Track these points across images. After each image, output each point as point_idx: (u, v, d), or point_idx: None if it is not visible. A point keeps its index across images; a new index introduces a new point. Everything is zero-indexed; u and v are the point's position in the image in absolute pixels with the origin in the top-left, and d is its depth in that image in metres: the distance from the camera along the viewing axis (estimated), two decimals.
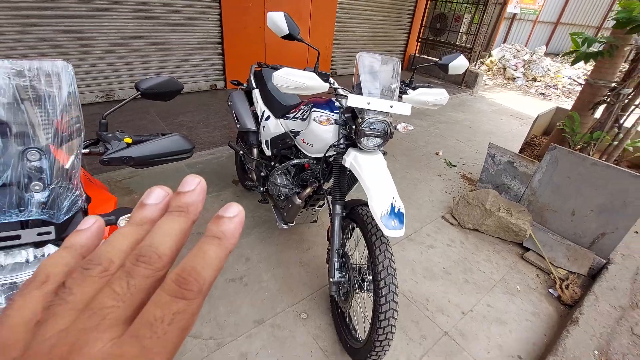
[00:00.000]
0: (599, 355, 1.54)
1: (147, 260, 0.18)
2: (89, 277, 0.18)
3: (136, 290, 0.17)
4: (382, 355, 1.30)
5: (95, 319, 0.16)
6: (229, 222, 0.20)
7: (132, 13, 3.65)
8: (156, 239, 0.19)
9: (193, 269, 0.18)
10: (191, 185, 0.21)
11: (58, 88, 0.59)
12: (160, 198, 0.21)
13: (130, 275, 0.18)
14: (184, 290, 0.17)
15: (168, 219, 0.20)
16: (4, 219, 0.56)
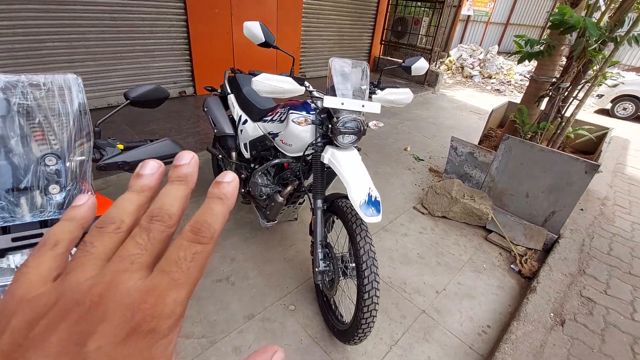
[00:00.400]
0: (554, 317, 1.75)
1: (160, 219, 0.20)
2: (105, 234, 0.20)
3: (155, 242, 0.20)
4: (368, 332, 1.42)
5: (125, 263, 0.18)
6: (227, 186, 0.22)
7: (95, 21, 3.57)
8: (166, 202, 0.21)
9: (204, 220, 0.20)
10: (187, 159, 0.24)
11: (70, 99, 0.65)
12: (154, 169, 0.23)
13: (148, 230, 0.20)
14: (200, 237, 0.20)
15: (172, 186, 0.22)
16: (27, 219, 0.61)
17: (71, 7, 3.39)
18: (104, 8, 3.59)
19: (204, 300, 1.80)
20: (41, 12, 3.23)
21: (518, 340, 1.59)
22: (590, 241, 2.38)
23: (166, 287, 0.18)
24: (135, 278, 0.18)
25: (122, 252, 0.19)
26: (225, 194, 0.22)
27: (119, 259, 0.19)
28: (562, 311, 1.79)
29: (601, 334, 1.68)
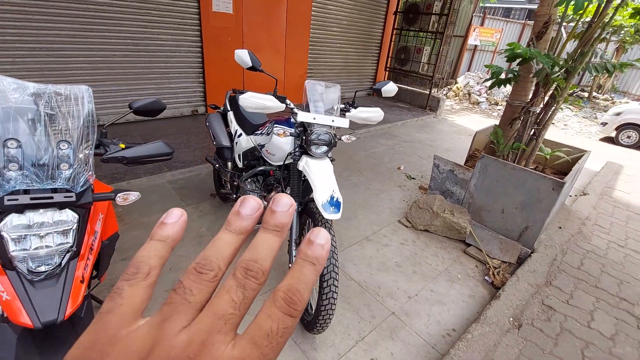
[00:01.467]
0: (513, 321, 1.86)
1: (254, 275, 0.20)
2: (204, 282, 0.20)
3: (247, 301, 0.20)
4: (328, 320, 1.58)
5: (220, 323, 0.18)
6: (321, 249, 0.22)
7: (119, 46, 4.02)
8: (262, 255, 0.21)
9: (297, 290, 0.20)
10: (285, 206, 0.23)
11: (82, 104, 0.90)
12: (254, 210, 0.23)
13: (244, 287, 0.20)
14: (292, 309, 0.19)
15: (268, 235, 0.22)
16: (43, 185, 0.85)
17: (100, 33, 3.85)
18: (129, 35, 4.04)
19: None
20: (71, 36, 3.69)
21: (473, 339, 1.71)
22: (562, 256, 2.48)
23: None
24: (227, 341, 0.18)
25: (217, 309, 0.19)
26: (317, 259, 0.21)
27: (215, 317, 0.19)
28: (521, 317, 1.90)
29: (555, 338, 1.77)
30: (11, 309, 0.83)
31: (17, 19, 3.36)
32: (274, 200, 0.23)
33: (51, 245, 0.91)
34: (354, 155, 4.40)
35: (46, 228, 0.89)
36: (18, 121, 0.82)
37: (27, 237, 0.87)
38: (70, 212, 0.93)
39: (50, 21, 3.52)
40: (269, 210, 0.23)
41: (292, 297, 0.20)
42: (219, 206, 2.90)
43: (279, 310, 0.19)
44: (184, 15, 4.40)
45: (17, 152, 0.82)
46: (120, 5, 3.88)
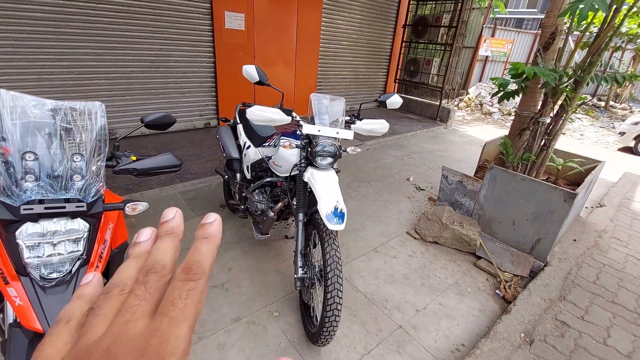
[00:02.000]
0: (524, 337, 1.80)
1: (155, 271, 0.22)
2: (111, 296, 0.22)
3: (152, 290, 0.22)
4: (332, 332, 1.57)
5: (128, 314, 0.20)
6: (211, 226, 0.24)
7: (138, 63, 4.19)
8: (158, 256, 0.23)
9: (194, 260, 0.22)
10: (171, 214, 0.26)
11: (95, 120, 0.96)
12: (149, 235, 0.26)
13: (145, 282, 0.22)
14: (191, 275, 0.22)
15: (161, 241, 0.24)
16: (56, 195, 0.90)
17: (118, 51, 4.03)
18: (146, 52, 4.22)
19: None
20: (92, 54, 3.87)
21: (482, 355, 1.67)
22: (577, 270, 2.40)
23: (167, 327, 0.19)
24: (139, 326, 0.20)
25: (124, 307, 0.21)
26: (209, 233, 0.24)
27: (122, 313, 0.21)
28: (533, 332, 1.84)
29: (569, 356, 1.70)
30: (24, 315, 0.87)
31: (42, 39, 3.56)
32: (163, 215, 0.26)
33: (63, 253, 0.95)
34: (363, 166, 4.41)
35: (59, 236, 0.93)
36: (36, 135, 0.87)
37: (41, 245, 0.91)
38: (82, 221, 0.98)
39: (72, 40, 3.72)
40: (159, 224, 0.26)
41: (190, 266, 0.22)
42: (228, 216, 2.95)
43: (178, 280, 0.21)
44: (198, 33, 4.57)
45: (34, 164, 0.87)
46: (138, 25, 4.06)
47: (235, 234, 2.70)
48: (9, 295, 0.88)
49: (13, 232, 0.89)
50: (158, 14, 4.17)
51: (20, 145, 0.85)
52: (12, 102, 0.85)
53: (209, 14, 4.57)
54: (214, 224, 0.25)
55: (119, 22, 3.93)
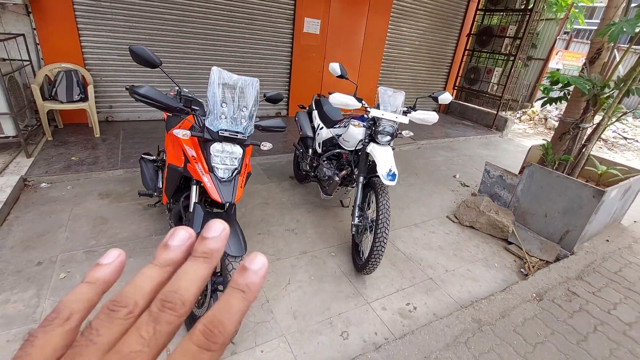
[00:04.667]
0: (535, 296, 2.19)
1: (172, 307, 0.19)
2: (115, 319, 0.19)
3: (160, 336, 0.19)
4: (377, 262, 2.12)
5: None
6: (254, 276, 0.21)
7: (232, 58, 5.10)
8: (183, 285, 0.20)
9: (220, 321, 0.19)
10: (217, 231, 0.22)
11: (253, 88, 1.62)
12: (184, 240, 0.23)
13: (156, 321, 0.19)
14: (211, 343, 0.19)
15: (194, 264, 0.21)
16: (233, 129, 1.58)
17: (219, 48, 4.95)
18: (239, 50, 5.11)
19: (276, 239, 2.69)
20: (200, 50, 4.83)
21: (495, 300, 2.09)
22: (602, 262, 2.65)
23: None
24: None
25: (122, 348, 0.18)
26: (249, 286, 0.21)
27: (118, 357, 0.18)
28: (544, 295, 2.21)
29: (571, 314, 2.05)
30: (213, 191, 1.55)
31: (166, 35, 4.56)
32: (206, 227, 0.23)
33: (228, 164, 1.62)
34: (413, 161, 4.85)
35: (228, 154, 1.61)
36: (227, 93, 1.55)
37: (220, 157, 1.59)
38: (239, 147, 1.65)
39: (186, 38, 4.69)
40: (199, 238, 0.23)
41: (213, 330, 0.19)
42: (296, 185, 3.62)
43: (195, 344, 0.19)
44: (281, 35, 5.37)
45: (225, 109, 1.55)
46: (234, 27, 4.95)
47: (302, 198, 3.36)
48: (204, 181, 1.56)
49: (208, 147, 1.58)
50: (251, 18, 5.03)
51: (220, 98, 1.54)
52: (218, 74, 1.54)
53: (291, 19, 5.34)
54: (258, 274, 0.21)
55: (220, 24, 4.84)
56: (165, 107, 1.55)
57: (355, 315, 2.06)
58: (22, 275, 2.03)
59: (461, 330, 1.85)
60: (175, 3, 4.44)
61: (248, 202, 3.15)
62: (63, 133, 4.06)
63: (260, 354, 1.74)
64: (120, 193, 3.04)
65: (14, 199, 2.74)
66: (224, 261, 1.47)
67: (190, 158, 1.63)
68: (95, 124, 4.01)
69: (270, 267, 2.37)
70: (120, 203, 2.89)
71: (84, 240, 2.40)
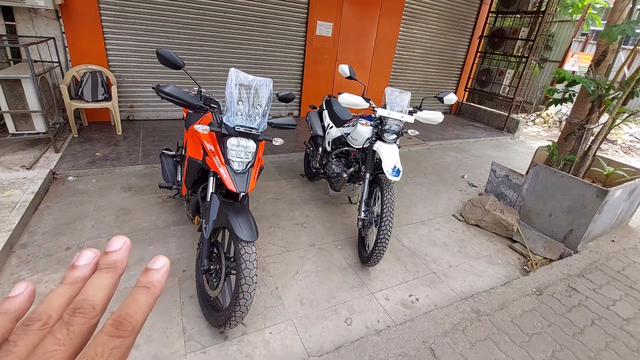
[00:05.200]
0: (535, 290, 2.25)
1: (82, 312, 0.21)
2: (30, 331, 0.21)
3: (75, 335, 0.20)
4: (381, 255, 2.22)
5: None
6: (156, 273, 0.24)
7: (249, 61, 5.28)
8: (90, 293, 0.22)
9: (127, 313, 0.21)
10: (117, 244, 0.25)
11: (267, 88, 1.76)
12: (89, 259, 0.25)
13: (69, 324, 0.21)
14: (120, 331, 0.21)
15: (99, 275, 0.23)
16: (248, 124, 1.72)
17: (235, 50, 5.14)
18: (254, 52, 5.29)
19: (286, 232, 2.82)
20: (216, 52, 5.02)
21: (495, 293, 2.17)
22: (605, 261, 2.68)
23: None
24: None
25: (39, 350, 0.20)
26: (152, 282, 0.23)
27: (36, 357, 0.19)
28: (544, 290, 2.27)
29: (570, 308, 2.11)
30: (228, 181, 1.69)
31: (185, 38, 4.78)
32: (108, 243, 0.25)
33: (242, 157, 1.77)
34: (422, 162, 4.93)
35: (243, 148, 1.75)
36: (243, 92, 1.70)
37: (236, 151, 1.73)
38: (253, 142, 1.79)
39: (204, 40, 4.89)
40: (103, 253, 0.25)
41: (121, 321, 0.21)
42: (306, 183, 3.75)
43: (105, 334, 0.20)
44: (294, 38, 5.53)
45: (241, 106, 1.70)
46: (249, 30, 5.13)
47: (312, 195, 3.49)
48: (221, 172, 1.71)
49: (225, 141, 1.72)
50: (266, 21, 5.20)
51: (237, 96, 1.69)
52: (235, 75, 1.69)
53: (304, 22, 5.49)
54: (160, 271, 0.24)
55: (236, 28, 5.02)
56: (187, 104, 1.70)
57: (359, 304, 2.17)
58: (53, 258, 2.22)
59: (459, 319, 1.94)
60: (194, 8, 4.65)
61: (260, 197, 3.30)
62: (87, 130, 4.31)
63: (269, 335, 1.87)
64: (140, 187, 3.23)
65: (44, 190, 2.96)
66: (238, 246, 1.61)
67: (209, 151, 1.78)
68: (117, 122, 4.24)
69: (280, 257, 2.51)
70: (141, 196, 3.08)
71: (108, 229, 2.58)
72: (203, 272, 1.81)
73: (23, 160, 3.25)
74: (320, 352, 1.77)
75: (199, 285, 1.95)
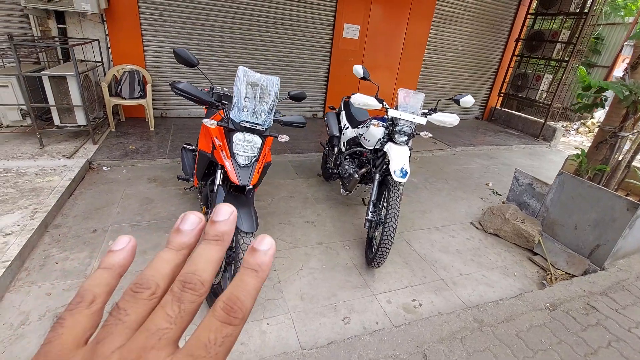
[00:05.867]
0: (548, 305, 2.12)
1: (192, 287, 0.21)
2: (140, 300, 0.21)
3: (185, 314, 0.20)
4: (383, 258, 2.21)
5: (153, 339, 0.19)
6: (264, 255, 0.23)
7: (275, 60, 5.43)
8: (200, 267, 0.22)
9: (237, 298, 0.21)
10: (225, 214, 0.24)
11: (274, 86, 1.82)
12: (195, 224, 0.24)
13: (180, 300, 0.20)
14: (232, 317, 0.20)
15: (208, 246, 0.23)
16: (254, 120, 1.79)
17: (263, 52, 5.30)
18: (281, 54, 5.42)
19: (296, 229, 2.88)
20: (244, 53, 5.21)
21: (504, 305, 2.08)
22: (634, 280, 2.46)
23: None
24: (162, 357, 0.19)
25: (150, 325, 0.20)
26: (260, 265, 0.22)
27: (148, 333, 0.19)
28: (559, 305, 2.13)
29: (585, 327, 1.96)
30: (232, 174, 1.77)
31: (216, 40, 5.01)
32: (215, 211, 0.24)
33: (248, 152, 1.84)
34: (444, 167, 4.79)
35: (249, 143, 1.83)
36: (250, 89, 1.77)
37: (241, 145, 1.81)
38: (259, 137, 1.86)
39: (233, 42, 5.10)
40: (209, 221, 0.24)
41: (232, 306, 0.20)
42: (322, 183, 3.78)
43: (217, 319, 0.20)
44: (321, 40, 5.60)
45: (248, 103, 1.78)
46: (277, 32, 5.27)
47: (326, 194, 3.52)
48: (226, 165, 1.79)
49: (231, 135, 1.81)
50: (293, 24, 5.32)
51: (244, 93, 1.77)
52: (243, 72, 1.77)
53: (331, 25, 5.55)
54: (268, 253, 0.23)
55: (264, 29, 5.18)
56: (199, 100, 1.80)
57: (360, 304, 2.17)
58: (80, 239, 2.43)
59: (459, 327, 1.88)
60: (226, 12, 4.87)
61: (275, 194, 3.38)
62: (124, 125, 4.64)
63: (266, 326, 1.92)
64: (165, 179, 3.44)
65: (80, 178, 3.23)
66: (237, 236, 1.68)
67: (217, 145, 1.87)
68: (151, 118, 4.53)
69: (286, 252, 2.56)
70: (164, 187, 3.27)
71: (131, 216, 2.77)
72: None
73: (65, 150, 3.57)
74: (313, 347, 1.79)
75: None
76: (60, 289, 2.00)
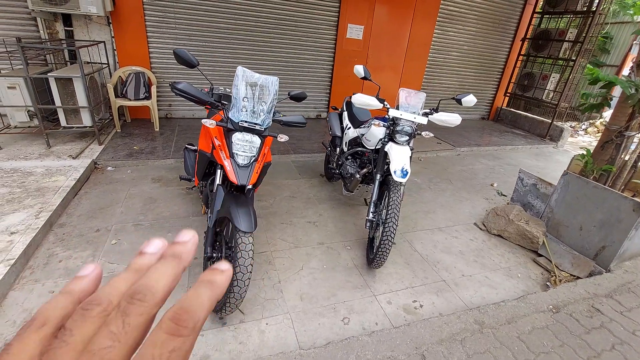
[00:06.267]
0: (551, 307, 2.09)
1: (141, 298, 0.20)
2: (88, 318, 0.19)
3: (131, 329, 0.19)
4: (383, 259, 2.20)
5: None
6: (220, 275, 0.23)
7: (279, 61, 5.45)
8: (152, 278, 0.21)
9: (189, 307, 0.20)
10: (186, 237, 0.24)
11: (273, 86, 1.83)
12: (157, 248, 0.24)
13: (125, 313, 0.19)
14: (180, 327, 0.19)
15: (163, 262, 0.23)
16: (253, 120, 1.80)
17: (266, 53, 5.32)
18: (284, 55, 5.44)
19: (297, 229, 2.88)
20: (249, 54, 5.24)
21: (506, 306, 2.05)
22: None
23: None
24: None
25: (92, 346, 0.18)
26: (215, 281, 0.22)
27: (89, 355, 0.18)
28: (562, 308, 2.10)
29: (589, 330, 1.93)
30: (231, 174, 1.78)
31: (220, 42, 5.04)
32: (178, 235, 0.24)
33: (247, 152, 1.85)
34: (449, 167, 4.75)
35: (247, 143, 1.84)
36: (249, 89, 1.78)
37: (240, 145, 1.82)
38: (258, 137, 1.86)
39: (237, 44, 5.13)
40: (170, 243, 0.24)
41: (182, 315, 0.19)
42: (324, 183, 3.78)
43: (164, 332, 0.19)
44: (324, 41, 5.60)
45: (246, 103, 1.78)
46: (280, 33, 5.29)
47: (328, 195, 3.51)
48: (225, 165, 1.81)
49: (231, 135, 1.82)
50: (296, 25, 5.33)
51: (243, 93, 1.77)
52: (242, 73, 1.78)
53: (335, 25, 5.55)
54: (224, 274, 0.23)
55: (268, 31, 5.21)
56: (198, 100, 1.82)
57: (360, 304, 2.16)
58: (84, 238, 2.46)
59: (459, 329, 1.86)
60: (229, 14, 4.90)
61: (277, 194, 3.39)
62: (129, 126, 4.69)
63: (265, 326, 1.92)
64: (169, 179, 3.47)
65: (85, 178, 3.27)
66: (235, 235, 1.68)
67: (216, 145, 1.88)
68: (155, 119, 4.58)
69: (287, 252, 2.57)
70: (167, 187, 3.30)
71: (135, 216, 2.80)
72: (206, 259, 1.91)
73: (71, 150, 3.62)
74: (311, 347, 1.79)
75: (203, 271, 2.06)
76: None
